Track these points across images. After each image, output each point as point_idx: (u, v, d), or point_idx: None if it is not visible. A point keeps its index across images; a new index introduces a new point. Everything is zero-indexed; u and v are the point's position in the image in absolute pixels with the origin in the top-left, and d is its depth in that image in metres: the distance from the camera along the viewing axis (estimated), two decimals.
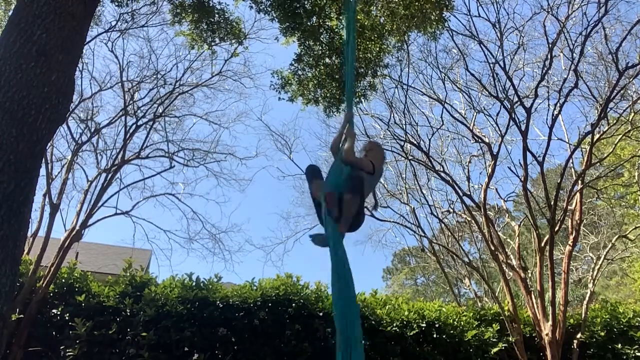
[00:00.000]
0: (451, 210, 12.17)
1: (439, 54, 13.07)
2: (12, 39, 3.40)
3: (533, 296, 8.64)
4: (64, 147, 12.83)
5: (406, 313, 7.83)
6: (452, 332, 7.87)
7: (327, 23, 7.76)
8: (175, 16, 8.08)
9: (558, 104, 8.93)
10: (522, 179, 8.88)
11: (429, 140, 10.41)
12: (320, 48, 7.80)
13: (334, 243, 3.31)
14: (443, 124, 10.78)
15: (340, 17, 7.49)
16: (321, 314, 7.41)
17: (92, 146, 9.31)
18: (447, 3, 7.36)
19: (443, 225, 12.46)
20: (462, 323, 8.02)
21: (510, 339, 8.08)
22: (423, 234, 11.63)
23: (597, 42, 10.13)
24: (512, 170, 10.05)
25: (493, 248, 9.13)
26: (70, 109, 6.96)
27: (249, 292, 7.39)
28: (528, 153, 8.65)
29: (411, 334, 7.62)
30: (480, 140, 10.28)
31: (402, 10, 7.41)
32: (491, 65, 9.12)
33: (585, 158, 9.42)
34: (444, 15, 7.54)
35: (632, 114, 10.23)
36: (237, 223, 29.40)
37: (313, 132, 27.61)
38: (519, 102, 8.87)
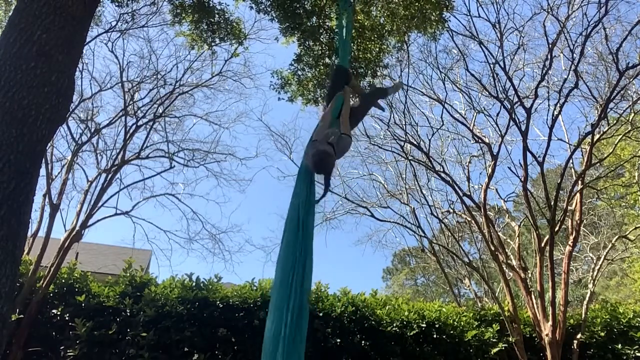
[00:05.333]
0: (451, 211, 12.17)
1: (439, 54, 13.12)
2: (12, 40, 3.40)
3: (533, 296, 8.64)
4: (64, 147, 12.86)
5: (406, 313, 7.84)
6: (452, 332, 7.87)
7: (327, 23, 7.76)
8: (175, 16, 8.08)
9: (558, 104, 8.93)
10: (522, 179, 8.88)
11: (429, 140, 10.42)
12: (320, 48, 7.80)
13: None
14: (443, 124, 10.79)
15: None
16: (321, 314, 7.41)
17: (92, 146, 9.32)
18: (447, 3, 7.36)
19: (443, 225, 12.46)
20: (462, 323, 8.02)
21: (510, 339, 8.08)
22: (423, 234, 11.63)
23: (597, 43, 10.14)
24: (512, 171, 10.10)
25: (493, 248, 9.13)
26: (70, 109, 6.96)
27: (249, 293, 7.40)
28: (528, 153, 8.66)
29: (411, 334, 7.62)
30: (480, 141, 10.28)
31: (402, 11, 7.41)
32: (491, 65, 9.13)
33: (585, 158, 9.42)
34: (444, 15, 7.54)
35: (632, 114, 10.22)
36: (237, 223, 29.42)
37: None
38: (519, 103, 8.87)
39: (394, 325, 7.65)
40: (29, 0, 3.54)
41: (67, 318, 6.82)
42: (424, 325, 7.80)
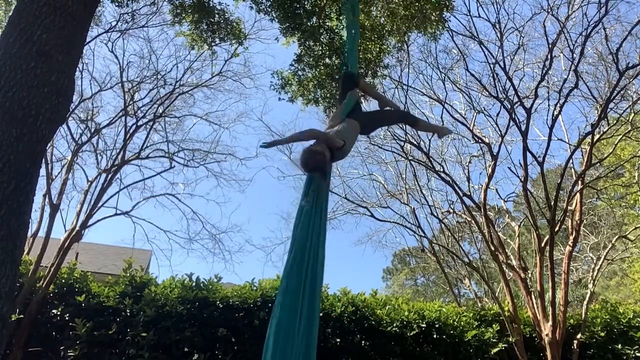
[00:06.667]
0: (451, 211, 12.17)
1: (439, 54, 13.14)
2: (12, 40, 3.40)
3: (533, 296, 8.64)
4: (64, 147, 12.88)
5: (406, 313, 7.84)
6: (452, 332, 7.87)
7: (327, 23, 7.76)
8: (175, 16, 8.09)
9: (558, 105, 8.93)
10: (522, 180, 8.87)
11: (429, 140, 10.42)
12: (320, 48, 7.80)
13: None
14: (443, 124, 10.77)
15: (341, 18, 7.50)
16: (321, 314, 7.41)
17: (92, 146, 9.32)
18: (447, 3, 7.37)
19: (443, 225, 12.46)
20: (462, 323, 8.02)
21: (510, 340, 8.08)
22: (423, 235, 11.63)
23: (597, 43, 10.15)
24: (512, 171, 10.10)
25: (493, 248, 9.13)
26: (70, 109, 6.96)
27: (249, 293, 7.40)
28: (528, 153, 8.65)
29: (411, 334, 7.62)
30: (480, 141, 10.28)
31: (402, 11, 7.42)
32: (491, 65, 9.13)
33: (585, 158, 9.42)
34: (444, 15, 7.55)
35: (632, 114, 10.23)
36: (237, 223, 29.44)
37: None
38: (519, 103, 8.87)
39: (394, 325, 7.65)
40: (29, 0, 3.54)
41: (67, 318, 6.82)
42: (424, 325, 7.79)
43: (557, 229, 8.67)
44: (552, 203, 8.48)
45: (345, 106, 4.02)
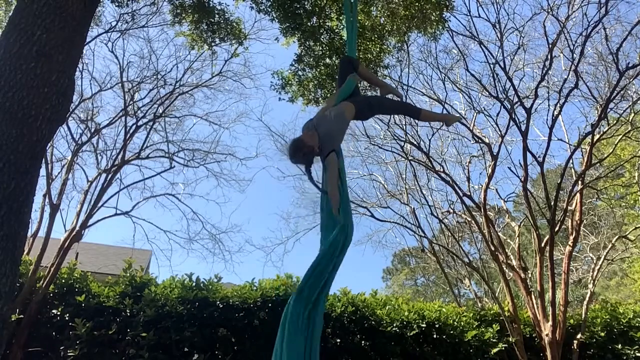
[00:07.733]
0: (451, 211, 12.16)
1: (439, 54, 13.13)
2: (12, 40, 3.40)
3: (533, 296, 8.64)
4: (64, 148, 12.86)
5: (406, 313, 7.84)
6: (452, 332, 7.87)
7: (327, 23, 7.77)
8: (175, 16, 8.09)
9: (558, 105, 8.93)
10: (522, 180, 8.87)
11: (429, 140, 10.42)
12: (320, 48, 7.81)
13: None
14: (443, 124, 10.75)
15: (341, 18, 7.50)
16: None
17: (92, 146, 9.31)
18: (447, 3, 7.37)
19: (443, 225, 12.45)
20: (462, 323, 8.02)
21: (511, 340, 8.08)
22: (423, 235, 11.63)
23: (597, 43, 10.15)
24: (512, 171, 10.05)
25: (493, 248, 9.13)
26: (70, 110, 6.96)
27: (249, 293, 7.39)
28: (528, 153, 8.65)
29: (411, 334, 7.62)
30: (480, 141, 10.28)
31: (402, 11, 7.42)
32: (491, 65, 9.13)
33: (585, 158, 9.42)
34: (444, 15, 7.56)
35: (632, 115, 10.23)
36: (237, 223, 29.43)
37: None
38: (519, 103, 8.87)
39: (394, 325, 7.65)
40: (29, 1, 3.54)
41: (67, 318, 6.82)
42: (424, 325, 7.79)
43: (557, 229, 8.66)
44: (552, 203, 8.48)
45: (342, 90, 3.91)
